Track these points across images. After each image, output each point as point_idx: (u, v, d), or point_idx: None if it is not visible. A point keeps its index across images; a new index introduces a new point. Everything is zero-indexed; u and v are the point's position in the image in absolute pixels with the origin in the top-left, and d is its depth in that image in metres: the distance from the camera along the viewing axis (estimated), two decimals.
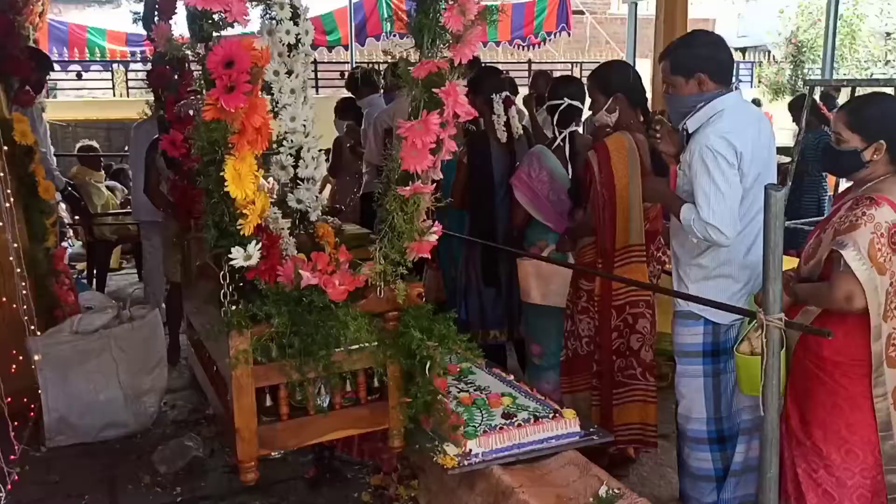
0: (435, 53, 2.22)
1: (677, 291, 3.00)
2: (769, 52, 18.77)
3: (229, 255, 2.18)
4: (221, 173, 2.09)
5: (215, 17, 2.08)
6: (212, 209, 2.16)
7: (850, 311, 2.34)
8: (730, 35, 23.05)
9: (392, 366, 2.51)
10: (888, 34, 16.44)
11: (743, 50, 22.38)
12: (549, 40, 12.53)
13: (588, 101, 3.77)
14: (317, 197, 3.22)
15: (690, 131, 2.92)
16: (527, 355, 4.04)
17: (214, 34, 2.07)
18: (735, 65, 3.06)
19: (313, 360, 2.29)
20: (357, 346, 2.41)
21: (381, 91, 6.30)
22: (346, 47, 10.64)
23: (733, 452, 3.01)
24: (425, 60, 2.18)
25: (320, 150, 3.23)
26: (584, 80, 3.81)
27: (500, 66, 14.47)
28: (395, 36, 10.28)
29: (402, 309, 2.48)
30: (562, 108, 3.80)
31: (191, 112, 2.26)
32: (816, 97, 6.71)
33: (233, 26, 2.09)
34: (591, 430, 2.77)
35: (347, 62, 10.49)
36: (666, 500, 3.34)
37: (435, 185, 2.35)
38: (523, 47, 11.83)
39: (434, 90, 2.19)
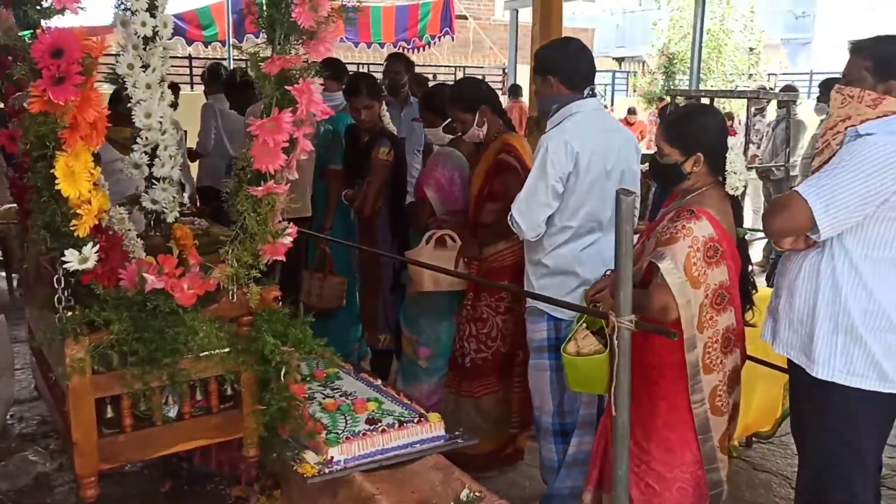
0: (288, 49, 2.14)
1: (527, 291, 3.07)
2: (644, 62, 19.53)
3: (63, 258, 2.04)
4: (52, 170, 1.94)
5: (44, 3, 1.93)
6: (41, 208, 2.01)
7: (666, 321, 2.42)
8: (609, 45, 23.88)
9: (245, 372, 2.42)
10: (751, 49, 17.41)
11: (621, 60, 23.24)
12: (434, 43, 12.55)
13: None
14: (174, 197, 3.08)
15: (547, 130, 3.06)
16: (403, 359, 3.99)
17: (44, 22, 1.92)
18: (593, 73, 3.14)
19: (158, 368, 2.17)
20: (207, 353, 2.31)
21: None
22: (223, 43, 10.32)
23: None
24: (277, 56, 2.10)
25: (179, 149, 3.09)
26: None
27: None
28: None
29: (256, 313, 2.40)
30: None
31: (24, 104, 2.11)
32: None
33: (63, 14, 1.95)
34: (457, 433, 2.77)
35: (225, 58, 10.17)
36: (531, 501, 3.37)
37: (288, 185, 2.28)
38: (408, 50, 11.78)
39: (287, 87, 2.12)
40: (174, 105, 3.02)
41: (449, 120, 3.66)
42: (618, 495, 2.33)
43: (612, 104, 16.92)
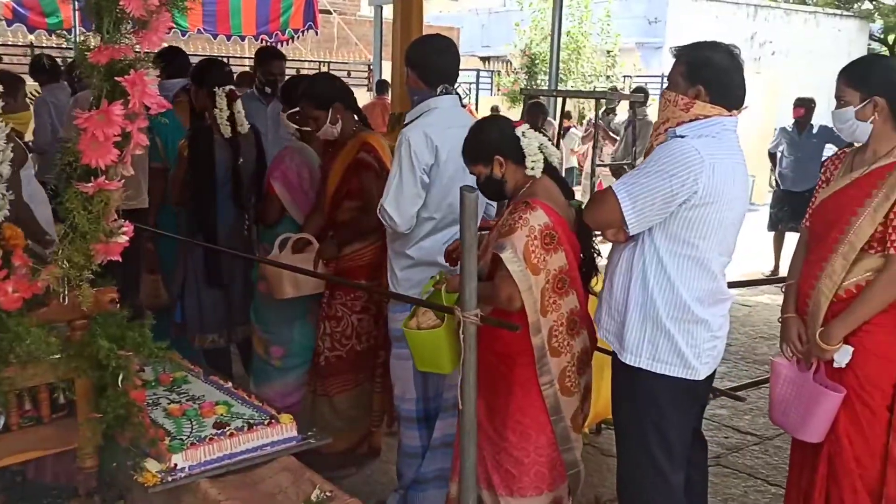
0: (118, 39, 2.04)
1: (391, 292, 3.06)
2: (509, 62, 19.93)
3: None
4: None
5: None
6: None
7: (512, 310, 2.51)
8: (475, 45, 24.23)
9: (80, 379, 2.29)
10: (608, 52, 18.12)
11: (486, 59, 23.61)
12: (297, 38, 12.31)
13: None
14: (3, 195, 2.88)
15: (406, 123, 3.09)
16: (254, 358, 3.90)
17: None
18: (453, 72, 3.19)
19: None
20: (35, 360, 2.17)
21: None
22: (69, 31, 9.74)
23: None
24: (105, 46, 1.99)
25: (7, 143, 2.89)
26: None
27: (247, 62, 14.05)
28: None
29: (91, 316, 2.27)
30: None
31: None
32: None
33: None
34: (310, 433, 2.74)
35: (71, 47, 9.61)
36: (388, 496, 3.37)
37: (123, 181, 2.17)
38: (271, 43, 11.48)
39: (117, 78, 2.01)
40: (14, 98, 2.82)
41: (296, 109, 3.61)
42: (466, 487, 2.36)
43: (476, 103, 17.18)
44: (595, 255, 2.77)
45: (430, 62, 3.10)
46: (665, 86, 2.60)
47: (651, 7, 20.18)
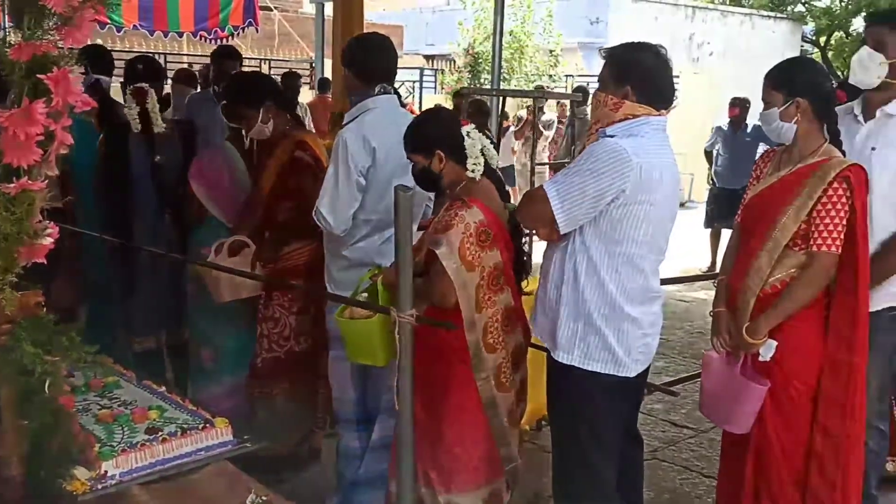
0: (40, 36, 1.98)
1: (327, 293, 3.05)
2: (453, 60, 19.98)
3: None
4: None
5: None
6: None
7: (447, 306, 2.53)
8: (419, 43, 24.23)
9: (4, 387, 2.22)
10: (551, 51, 18.30)
11: (430, 58, 23.63)
12: (237, 34, 12.12)
13: None
14: None
15: (344, 124, 3.05)
16: (191, 362, 3.84)
17: None
18: (390, 71, 3.19)
19: None
20: None
21: None
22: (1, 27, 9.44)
23: None
24: (25, 42, 1.93)
25: None
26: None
27: (184, 58, 13.82)
28: None
29: (16, 321, 2.20)
30: None
31: None
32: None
33: None
34: (246, 437, 2.70)
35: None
36: (328, 498, 3.36)
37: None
38: (209, 40, 11.28)
39: (39, 76, 1.96)
40: None
41: (224, 102, 3.57)
42: (403, 488, 2.36)
43: (420, 101, 17.19)
44: (525, 257, 2.80)
45: (367, 61, 3.09)
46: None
47: (592, 8, 20.44)
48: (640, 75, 2.47)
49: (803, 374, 2.71)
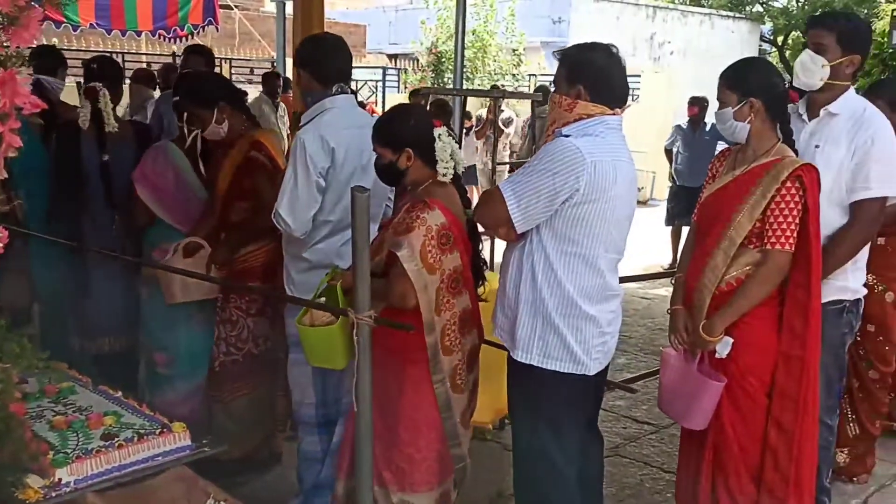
0: None
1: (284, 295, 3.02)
2: (417, 59, 19.95)
3: None
4: None
5: None
6: None
7: (406, 308, 2.52)
8: (382, 42, 24.17)
9: None
10: (514, 51, 18.37)
11: (393, 57, 23.57)
12: (197, 34, 11.98)
13: None
14: None
15: (301, 125, 3.03)
16: (146, 366, 3.78)
17: None
18: (347, 70, 3.17)
19: None
20: None
21: None
22: None
23: None
24: None
25: None
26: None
27: (143, 58, 13.62)
28: None
29: None
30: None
31: None
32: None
33: None
34: (204, 441, 2.68)
35: None
36: (289, 501, 3.33)
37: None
38: (169, 39, 11.13)
39: None
40: None
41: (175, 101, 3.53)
42: (362, 488, 2.36)
43: (383, 101, 17.15)
44: (483, 263, 2.81)
45: (324, 61, 3.07)
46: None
47: (554, 7, 20.55)
48: (592, 75, 2.49)
49: (758, 369, 2.75)
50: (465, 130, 11.40)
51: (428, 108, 6.58)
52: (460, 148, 2.81)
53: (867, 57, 3.09)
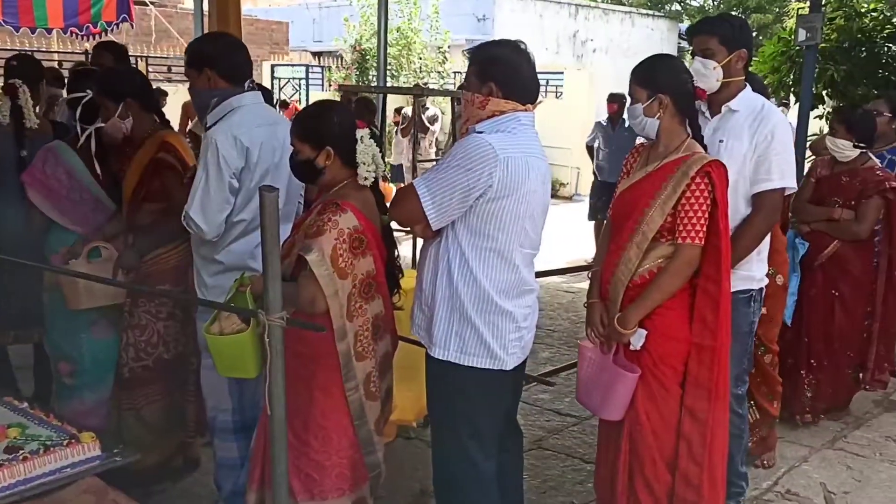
0: None
1: (197, 298, 2.95)
2: (341, 57, 19.77)
3: None
4: None
5: None
6: None
7: (315, 313, 2.49)
8: (306, 39, 23.87)
9: None
10: (439, 48, 18.38)
11: (318, 54, 23.32)
12: (111, 31, 11.61)
13: None
14: None
15: (208, 126, 2.93)
16: (55, 375, 3.64)
17: None
18: (250, 67, 3.10)
19: None
20: None
21: None
22: None
23: None
24: None
25: None
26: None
27: (55, 56, 13.13)
28: None
29: None
30: (85, 101, 3.49)
31: None
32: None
33: None
34: (115, 450, 2.60)
35: None
36: None
37: None
38: (81, 36, 10.76)
39: None
40: None
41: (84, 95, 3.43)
42: (278, 494, 2.31)
43: (307, 98, 16.94)
44: (398, 270, 2.78)
45: (231, 58, 2.98)
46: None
47: (479, 5, 20.67)
48: (501, 72, 2.51)
49: (671, 359, 2.82)
50: (396, 129, 11.36)
51: (353, 104, 6.54)
52: (390, 146, 2.78)
53: (752, 48, 3.22)
